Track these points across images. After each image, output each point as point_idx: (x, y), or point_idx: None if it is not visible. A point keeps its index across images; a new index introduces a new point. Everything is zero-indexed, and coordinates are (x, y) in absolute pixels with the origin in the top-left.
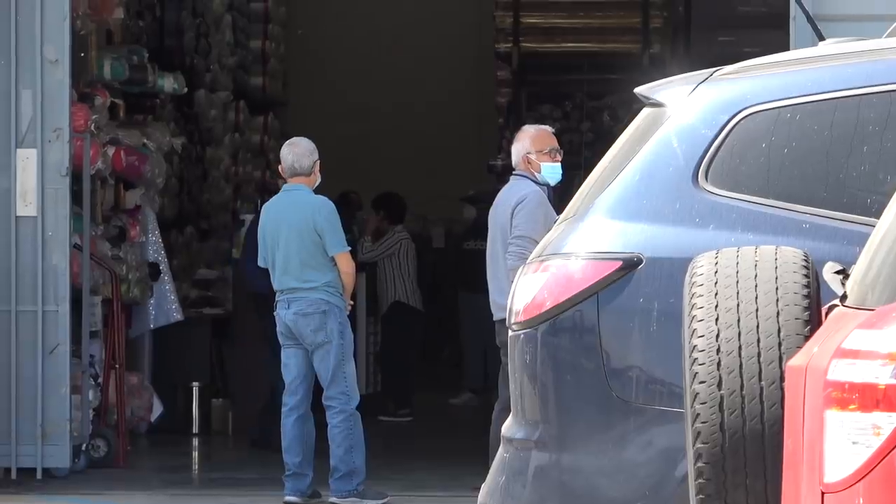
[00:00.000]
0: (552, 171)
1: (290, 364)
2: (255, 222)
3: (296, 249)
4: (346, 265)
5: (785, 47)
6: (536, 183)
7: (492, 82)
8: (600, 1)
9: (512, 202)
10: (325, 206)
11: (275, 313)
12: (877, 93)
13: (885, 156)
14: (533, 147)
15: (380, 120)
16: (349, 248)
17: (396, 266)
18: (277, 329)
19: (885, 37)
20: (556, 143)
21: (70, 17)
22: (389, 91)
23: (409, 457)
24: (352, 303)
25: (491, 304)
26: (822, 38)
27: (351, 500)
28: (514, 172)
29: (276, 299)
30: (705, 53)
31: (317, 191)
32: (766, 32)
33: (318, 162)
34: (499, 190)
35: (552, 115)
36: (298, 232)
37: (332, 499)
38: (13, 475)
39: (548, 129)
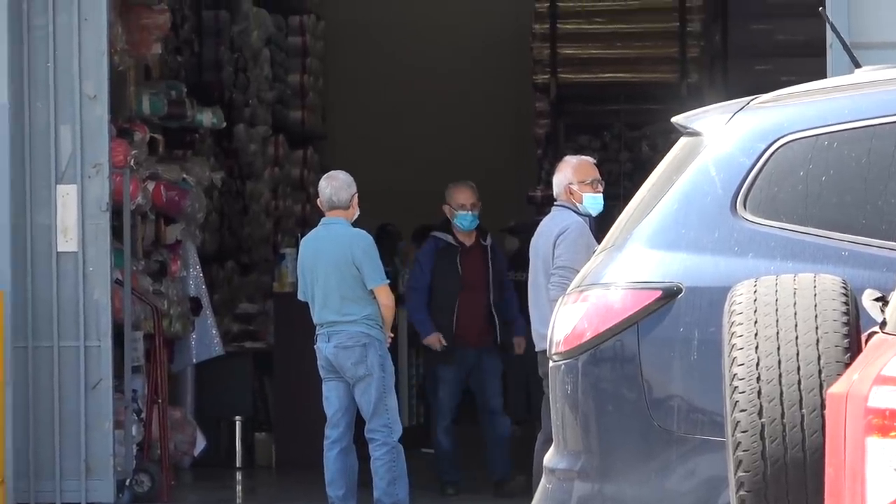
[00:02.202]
0: (594, 202)
1: (332, 397)
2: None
3: (335, 283)
4: (386, 298)
5: (822, 75)
6: (578, 213)
7: (530, 114)
8: (637, 32)
9: (554, 232)
10: (364, 239)
11: (315, 346)
12: None
13: None
14: (575, 177)
15: (419, 152)
16: (388, 281)
17: None
18: (318, 362)
19: None
20: (597, 174)
21: (108, 52)
22: (428, 124)
23: (450, 490)
24: (392, 335)
25: (533, 334)
26: (858, 66)
27: None
28: (555, 203)
29: (317, 333)
30: (742, 82)
31: (356, 223)
32: (803, 60)
33: (356, 195)
34: (539, 220)
35: (591, 145)
36: (337, 265)
37: None
38: None
39: (589, 159)
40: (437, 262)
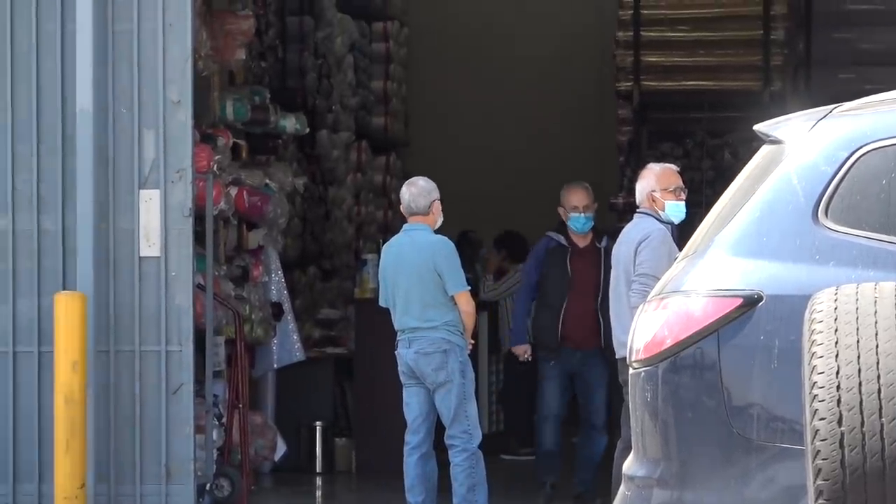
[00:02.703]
0: (676, 210)
1: (412, 403)
2: None
3: (416, 289)
4: (466, 304)
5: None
6: (660, 221)
7: (612, 121)
8: (721, 40)
9: (636, 240)
10: (445, 245)
11: (396, 352)
12: None
13: None
14: (658, 185)
15: (500, 159)
16: (469, 288)
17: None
18: (399, 368)
19: None
20: (680, 182)
21: (192, 58)
22: (510, 130)
23: (531, 495)
24: (473, 342)
25: (614, 341)
26: None
27: None
28: (637, 210)
29: (398, 339)
30: (825, 90)
31: (439, 230)
32: (887, 69)
33: (437, 202)
34: (621, 228)
35: (673, 153)
36: (418, 272)
37: None
38: None
39: (673, 167)
40: (546, 262)
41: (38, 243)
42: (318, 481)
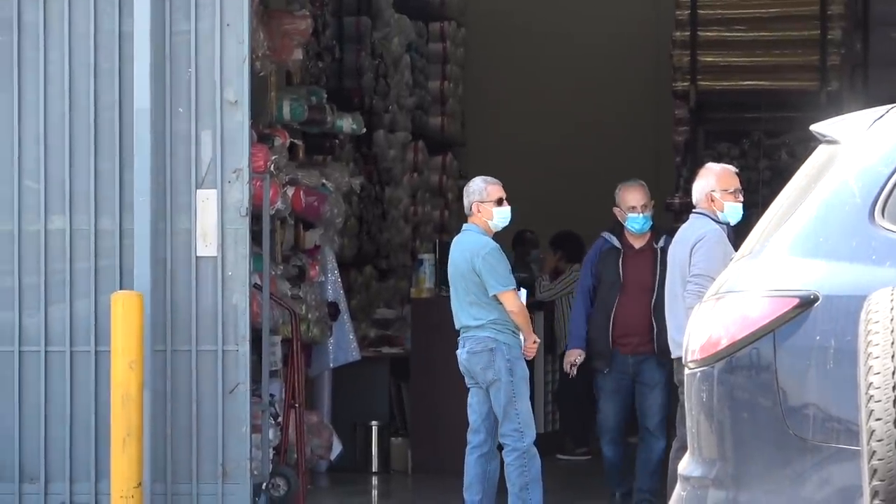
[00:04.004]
0: (734, 211)
1: (473, 403)
2: None
3: (463, 289)
4: (510, 304)
5: None
6: (717, 221)
7: (669, 121)
8: (778, 39)
9: (691, 240)
10: (484, 246)
11: (457, 352)
12: None
13: None
14: (718, 185)
15: (557, 159)
16: (513, 287)
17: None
18: (459, 368)
19: None
20: (738, 183)
21: (250, 58)
22: (566, 130)
23: (587, 496)
24: (537, 340)
25: (669, 342)
26: None
27: None
28: (693, 210)
29: (459, 339)
30: (882, 90)
31: (502, 231)
32: None
33: (479, 203)
34: (677, 228)
35: (729, 153)
36: (462, 272)
37: None
38: None
39: (732, 168)
40: (599, 265)
41: (95, 243)
42: (374, 481)
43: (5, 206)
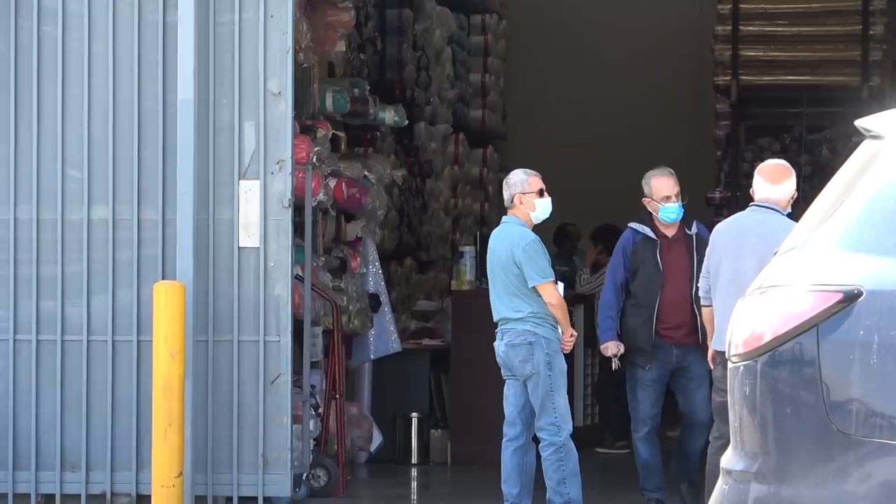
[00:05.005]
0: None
1: (509, 395)
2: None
3: (502, 281)
4: (549, 296)
5: None
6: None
7: (710, 115)
8: (820, 34)
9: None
10: (524, 238)
11: (494, 345)
12: None
13: None
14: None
15: (598, 152)
16: (552, 279)
17: None
18: (497, 361)
19: None
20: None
21: (293, 50)
22: (607, 124)
23: (627, 490)
24: (574, 333)
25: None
26: None
27: None
28: (757, 204)
29: (496, 331)
30: None
31: (543, 222)
32: None
33: (520, 195)
34: (716, 222)
35: (771, 147)
36: (502, 264)
37: None
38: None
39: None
40: (634, 258)
41: (137, 233)
42: (414, 472)
43: (49, 196)
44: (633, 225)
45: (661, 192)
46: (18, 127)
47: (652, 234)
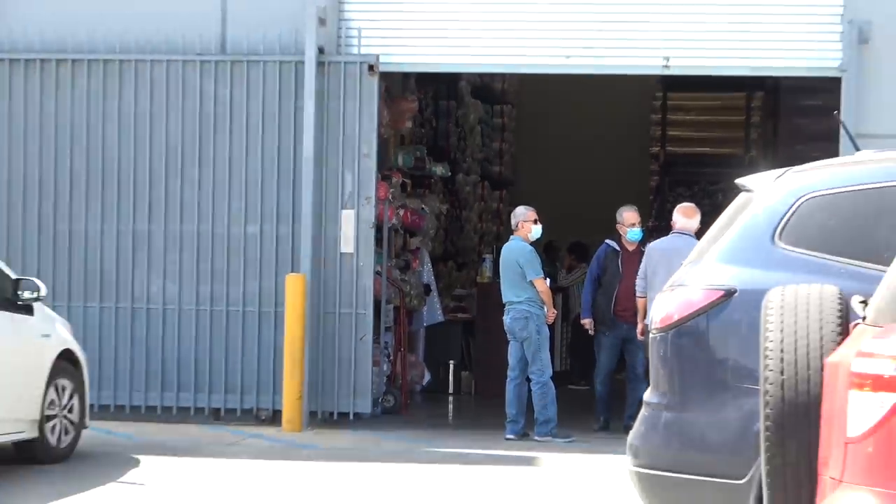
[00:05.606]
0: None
1: (512, 351)
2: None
3: (509, 276)
4: (540, 286)
5: (836, 154)
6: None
7: (647, 172)
8: (718, 122)
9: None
10: (522, 249)
11: (503, 318)
12: (891, 185)
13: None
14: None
15: (576, 195)
16: (542, 275)
17: (582, 290)
18: (505, 328)
19: None
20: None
21: (378, 127)
22: (582, 176)
23: (586, 412)
24: (554, 311)
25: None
26: (858, 150)
27: (547, 438)
28: (677, 231)
29: (504, 309)
30: (786, 157)
31: (539, 239)
32: (827, 144)
33: (522, 222)
34: (650, 241)
35: (685, 194)
36: (509, 265)
37: (535, 437)
38: (335, 416)
39: (690, 204)
40: (604, 262)
41: (276, 242)
42: (450, 399)
43: (220, 217)
44: (607, 241)
45: (629, 220)
46: (201, 172)
47: (618, 248)
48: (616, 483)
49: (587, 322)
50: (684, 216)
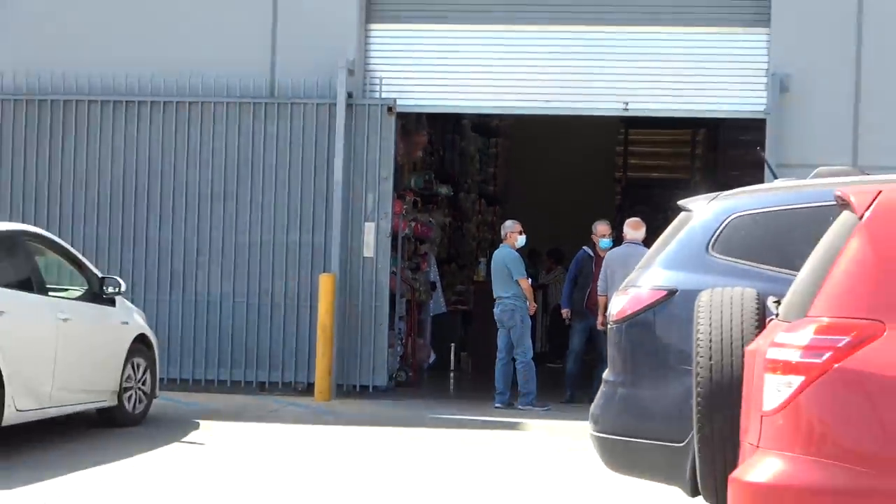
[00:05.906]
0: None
1: (501, 337)
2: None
3: (498, 276)
4: (523, 285)
5: (762, 181)
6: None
7: (613, 193)
8: (669, 152)
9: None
10: (509, 254)
11: (493, 310)
12: (805, 207)
13: (808, 238)
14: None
15: (555, 211)
16: (525, 276)
17: (559, 287)
18: (495, 318)
19: (810, 178)
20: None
21: (394, 156)
22: (561, 196)
23: (558, 386)
24: (535, 305)
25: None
26: (776, 178)
27: (528, 408)
28: (628, 241)
29: (495, 302)
30: (724, 181)
31: (524, 246)
32: (755, 171)
33: (511, 233)
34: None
35: (642, 210)
36: (499, 268)
37: (519, 407)
38: (357, 388)
39: (637, 219)
40: (581, 265)
41: (312, 248)
42: (451, 375)
43: (268, 228)
44: (584, 248)
45: (601, 232)
46: (252, 191)
47: (592, 254)
48: (580, 443)
49: (566, 312)
50: (633, 229)
